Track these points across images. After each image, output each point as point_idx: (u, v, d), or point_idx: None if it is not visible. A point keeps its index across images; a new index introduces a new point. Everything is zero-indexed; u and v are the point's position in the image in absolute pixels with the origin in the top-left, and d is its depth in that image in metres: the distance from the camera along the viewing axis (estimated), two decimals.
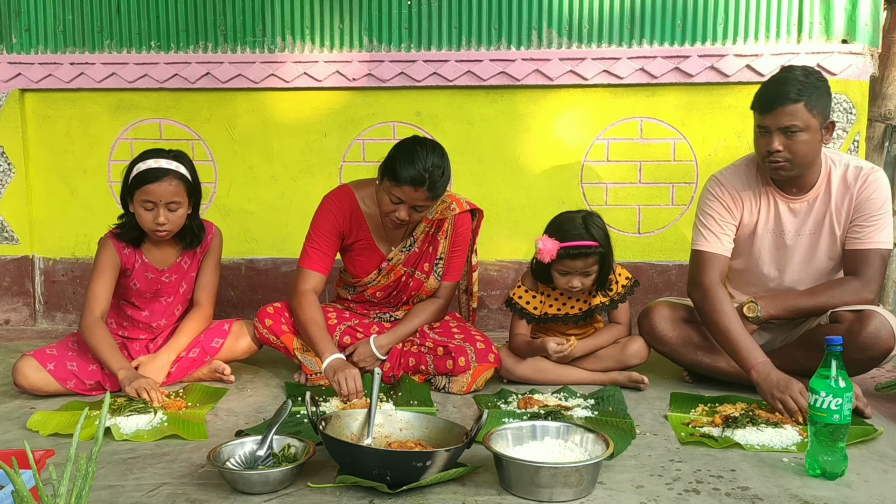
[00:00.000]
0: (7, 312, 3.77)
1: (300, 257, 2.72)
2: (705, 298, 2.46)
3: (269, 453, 1.87)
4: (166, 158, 2.56)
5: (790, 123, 2.30)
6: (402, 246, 2.74)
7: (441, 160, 2.52)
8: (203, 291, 2.76)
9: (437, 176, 2.49)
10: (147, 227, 2.55)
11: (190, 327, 2.71)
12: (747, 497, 1.74)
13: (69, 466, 1.27)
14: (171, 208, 2.54)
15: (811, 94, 2.30)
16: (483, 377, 2.58)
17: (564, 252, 2.53)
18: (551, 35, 3.44)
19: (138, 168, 2.54)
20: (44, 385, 2.50)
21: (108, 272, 2.60)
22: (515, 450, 1.85)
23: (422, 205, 2.53)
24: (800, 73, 2.33)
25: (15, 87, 3.63)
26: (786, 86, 2.31)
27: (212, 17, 3.55)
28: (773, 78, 2.40)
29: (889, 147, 3.44)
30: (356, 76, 3.50)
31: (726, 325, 2.38)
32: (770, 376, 2.25)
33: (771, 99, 2.32)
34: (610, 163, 3.51)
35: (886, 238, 2.43)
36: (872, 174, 2.44)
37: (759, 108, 2.37)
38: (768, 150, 2.35)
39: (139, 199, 2.52)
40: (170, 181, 2.52)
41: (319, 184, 3.59)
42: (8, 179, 3.69)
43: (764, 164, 2.42)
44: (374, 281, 2.79)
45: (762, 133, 2.37)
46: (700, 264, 2.53)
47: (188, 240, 2.69)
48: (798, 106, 2.29)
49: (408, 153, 2.50)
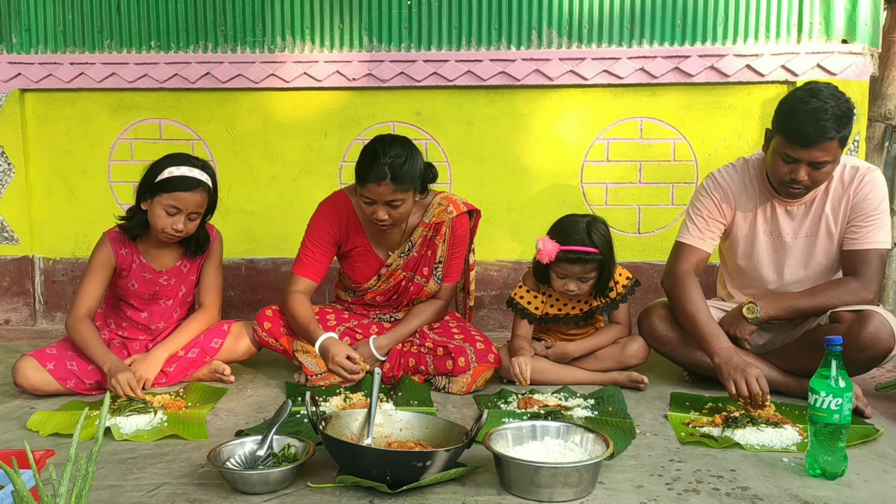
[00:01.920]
0: (7, 312, 3.77)
1: (294, 262, 2.72)
2: (675, 286, 2.51)
3: (269, 453, 1.87)
4: (198, 168, 2.56)
5: (823, 160, 2.28)
6: (400, 251, 2.73)
7: (403, 150, 2.49)
8: (207, 294, 2.76)
9: (399, 166, 2.45)
10: (161, 227, 2.54)
11: (191, 327, 2.71)
12: (747, 497, 1.74)
13: (69, 466, 1.27)
14: (191, 218, 2.56)
15: (846, 128, 2.26)
16: (483, 377, 2.58)
17: (563, 255, 2.53)
18: (551, 35, 3.44)
19: (171, 172, 2.52)
20: (44, 385, 2.50)
21: (100, 271, 2.60)
22: (515, 450, 1.85)
23: (394, 199, 2.49)
24: (834, 104, 2.24)
25: (15, 87, 3.63)
26: (825, 122, 2.23)
27: (212, 17, 3.55)
28: (808, 108, 2.25)
29: (889, 147, 3.44)
30: (356, 76, 3.50)
31: (693, 311, 2.43)
32: (731, 359, 2.28)
33: (809, 135, 2.24)
34: (610, 163, 3.51)
35: (884, 237, 2.43)
36: (869, 174, 2.44)
37: (793, 139, 2.27)
38: (792, 178, 2.33)
39: (164, 202, 2.51)
40: (200, 192, 2.54)
41: (319, 184, 3.59)
42: (8, 179, 3.69)
43: (779, 185, 2.41)
44: (374, 286, 2.78)
45: (787, 161, 2.32)
46: (677, 254, 2.58)
47: (192, 248, 2.69)
48: (833, 143, 2.26)
49: (367, 152, 2.52)
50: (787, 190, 2.39)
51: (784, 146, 2.31)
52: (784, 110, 2.33)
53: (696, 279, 2.52)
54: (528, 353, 2.58)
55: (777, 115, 2.36)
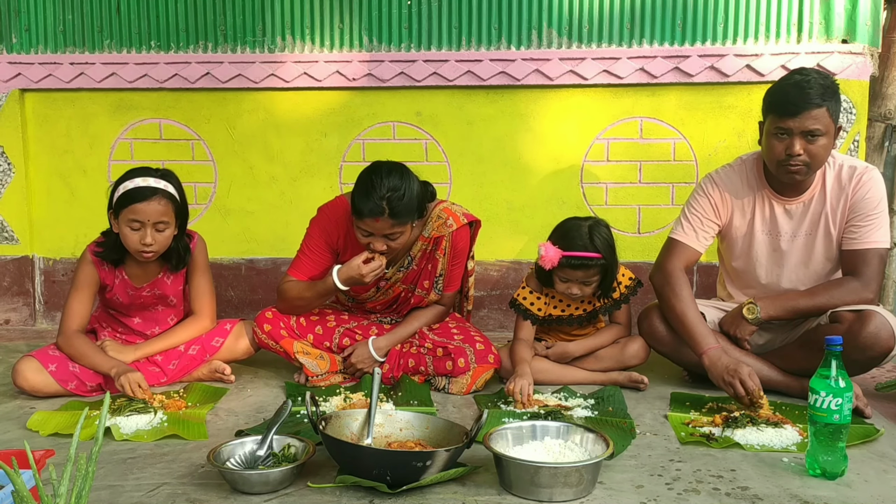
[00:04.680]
0: (7, 312, 3.77)
1: (291, 264, 2.70)
2: (665, 283, 2.51)
3: (269, 453, 1.87)
4: (154, 177, 2.49)
5: (814, 127, 2.29)
6: (399, 265, 2.69)
7: (400, 182, 2.42)
8: (197, 301, 2.72)
9: (397, 200, 2.40)
10: (133, 247, 2.47)
11: (176, 335, 2.67)
12: (747, 497, 1.74)
13: (69, 466, 1.27)
14: (158, 228, 2.46)
15: (832, 98, 2.30)
16: (483, 378, 2.58)
17: (566, 261, 2.53)
18: (551, 35, 3.44)
19: (125, 186, 2.46)
20: (44, 386, 2.49)
21: (85, 288, 2.56)
22: (515, 450, 1.85)
23: (392, 232, 2.46)
24: (819, 77, 2.31)
25: (15, 87, 3.63)
26: (810, 89, 2.28)
27: (212, 17, 3.55)
28: (792, 82, 2.33)
29: (889, 147, 3.44)
30: (356, 76, 3.50)
31: (683, 310, 2.44)
32: (720, 361, 2.30)
33: (796, 102, 2.29)
34: (610, 163, 3.51)
35: (883, 237, 2.43)
36: (867, 173, 2.44)
37: (782, 111, 2.32)
38: (789, 153, 2.33)
39: (126, 218, 2.44)
40: (158, 200, 2.45)
41: (319, 184, 3.59)
42: (8, 179, 3.69)
43: (778, 168, 2.39)
44: (373, 297, 2.77)
45: (781, 136, 2.34)
46: (669, 251, 2.58)
47: (174, 262, 2.62)
48: (822, 110, 2.28)
49: (363, 184, 2.44)
50: (787, 169, 2.37)
51: (775, 123, 2.35)
52: (770, 92, 2.41)
53: (686, 277, 2.52)
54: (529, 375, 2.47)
55: (765, 100, 2.42)
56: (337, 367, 2.70)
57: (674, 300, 2.48)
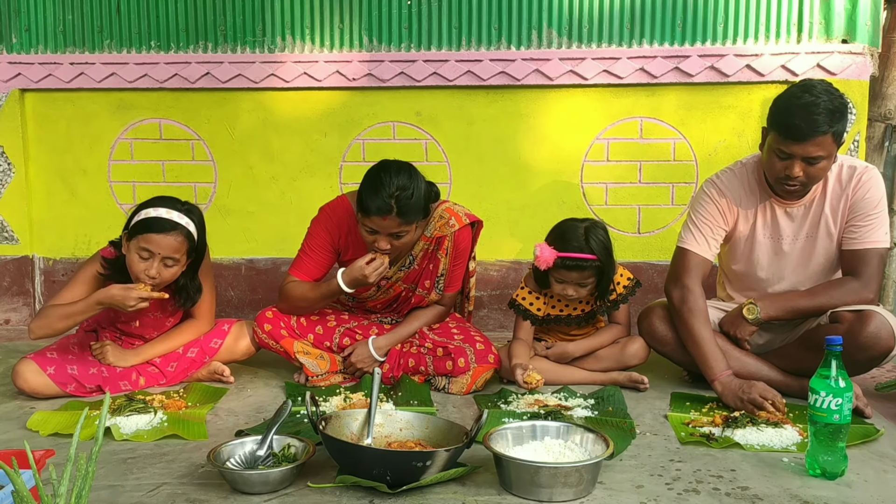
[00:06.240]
0: (7, 312, 3.77)
1: (292, 264, 2.70)
2: (684, 300, 2.48)
3: (269, 453, 1.87)
4: (179, 211, 2.43)
5: (817, 154, 2.27)
6: (400, 264, 2.69)
7: (409, 181, 2.43)
8: (196, 306, 2.69)
9: (405, 199, 2.41)
10: (136, 275, 2.41)
11: (178, 335, 2.67)
12: (747, 497, 1.74)
13: (69, 466, 1.27)
14: (167, 264, 2.41)
15: (839, 122, 2.26)
16: (483, 378, 2.58)
17: (561, 262, 2.52)
18: (551, 35, 3.44)
19: (147, 213, 2.40)
20: (43, 388, 2.48)
21: (85, 285, 2.51)
22: (515, 450, 1.86)
23: (398, 231, 2.46)
24: (828, 99, 2.25)
25: (15, 86, 3.63)
26: (817, 116, 2.23)
27: (212, 17, 3.55)
28: (801, 103, 2.26)
29: (889, 147, 3.44)
30: (356, 76, 3.50)
31: (699, 330, 2.42)
32: (732, 384, 2.31)
33: (801, 128, 2.24)
34: (610, 163, 3.51)
35: (883, 237, 2.43)
36: (866, 173, 2.43)
37: (786, 133, 2.28)
38: (787, 174, 2.32)
39: (137, 244, 2.38)
40: (175, 236, 2.39)
41: (319, 184, 3.59)
42: (8, 179, 3.69)
43: (776, 183, 2.40)
44: (373, 296, 2.77)
45: (782, 157, 2.32)
46: (685, 263, 2.54)
47: (181, 300, 2.57)
48: (827, 137, 2.25)
49: (371, 182, 2.44)
50: (784, 187, 2.39)
51: (778, 142, 2.32)
52: (777, 106, 2.34)
53: (703, 294, 2.50)
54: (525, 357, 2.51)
55: (771, 112, 2.37)
56: (337, 367, 2.71)
57: (691, 319, 2.44)
